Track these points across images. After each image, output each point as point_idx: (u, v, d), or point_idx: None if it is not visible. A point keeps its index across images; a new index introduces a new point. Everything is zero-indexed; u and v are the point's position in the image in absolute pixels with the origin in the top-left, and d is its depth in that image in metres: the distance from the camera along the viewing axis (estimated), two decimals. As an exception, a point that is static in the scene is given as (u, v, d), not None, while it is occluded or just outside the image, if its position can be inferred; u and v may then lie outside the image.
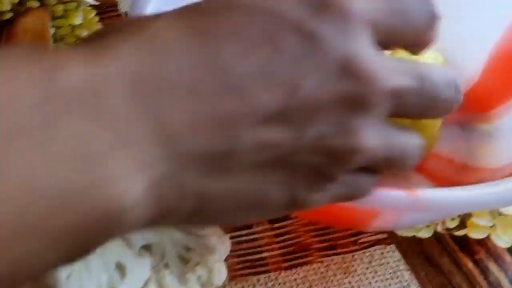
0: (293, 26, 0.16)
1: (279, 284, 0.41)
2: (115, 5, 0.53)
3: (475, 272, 0.34)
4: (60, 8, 0.43)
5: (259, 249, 0.44)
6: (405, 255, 0.39)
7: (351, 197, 0.20)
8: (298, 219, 0.46)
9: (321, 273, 0.42)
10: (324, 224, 0.46)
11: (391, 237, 0.44)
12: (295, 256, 0.44)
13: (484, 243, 0.34)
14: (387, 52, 0.23)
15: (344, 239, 0.45)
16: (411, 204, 0.26)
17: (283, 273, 0.42)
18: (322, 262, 0.43)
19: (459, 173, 0.39)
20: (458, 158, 0.39)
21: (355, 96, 0.17)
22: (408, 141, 0.20)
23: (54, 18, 0.43)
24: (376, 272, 0.42)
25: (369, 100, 0.17)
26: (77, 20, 0.44)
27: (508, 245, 0.34)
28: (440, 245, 0.35)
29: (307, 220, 0.46)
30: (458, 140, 0.38)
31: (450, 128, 0.36)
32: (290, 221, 0.46)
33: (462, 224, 0.35)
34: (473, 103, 0.35)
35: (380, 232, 0.45)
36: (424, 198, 0.26)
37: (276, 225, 0.46)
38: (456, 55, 0.36)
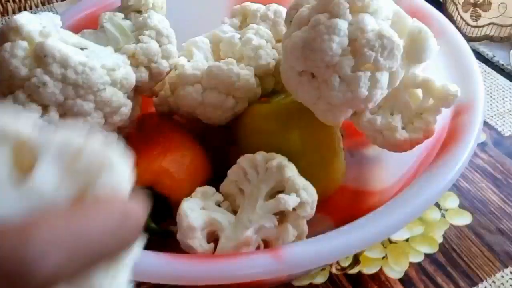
0: None
1: None
2: None
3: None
4: None
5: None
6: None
7: None
8: None
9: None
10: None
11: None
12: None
13: (377, 277, 0.33)
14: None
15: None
16: (277, 269, 0.25)
17: None
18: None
19: (353, 201, 0.38)
20: (350, 184, 0.38)
21: None
22: None
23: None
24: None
25: None
26: None
27: (399, 276, 0.33)
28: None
29: None
30: (349, 167, 0.37)
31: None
32: None
33: (356, 261, 0.34)
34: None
35: (277, 286, 0.43)
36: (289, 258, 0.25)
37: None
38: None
